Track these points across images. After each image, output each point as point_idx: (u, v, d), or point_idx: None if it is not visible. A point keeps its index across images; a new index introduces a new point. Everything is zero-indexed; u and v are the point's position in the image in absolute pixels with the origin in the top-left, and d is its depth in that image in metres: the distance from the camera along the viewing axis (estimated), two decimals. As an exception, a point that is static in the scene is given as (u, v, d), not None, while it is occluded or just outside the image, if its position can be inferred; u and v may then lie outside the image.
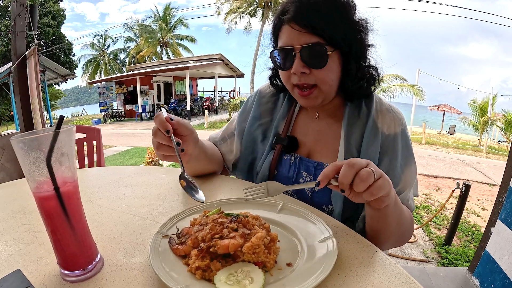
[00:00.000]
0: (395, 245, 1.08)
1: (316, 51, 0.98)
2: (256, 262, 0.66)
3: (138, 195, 1.11)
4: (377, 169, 0.76)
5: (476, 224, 4.59)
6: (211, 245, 0.67)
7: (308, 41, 0.98)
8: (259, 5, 28.52)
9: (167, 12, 39.56)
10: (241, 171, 1.32)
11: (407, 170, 1.08)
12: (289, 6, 1.02)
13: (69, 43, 34.86)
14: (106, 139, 12.37)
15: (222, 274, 0.63)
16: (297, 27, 0.99)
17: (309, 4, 0.98)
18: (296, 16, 0.99)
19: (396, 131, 1.08)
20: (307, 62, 1.00)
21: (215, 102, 26.00)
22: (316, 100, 1.07)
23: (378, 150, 1.06)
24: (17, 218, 0.95)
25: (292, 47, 1.01)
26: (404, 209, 1.00)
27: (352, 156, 1.08)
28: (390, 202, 0.83)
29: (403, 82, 13.25)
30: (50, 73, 13.72)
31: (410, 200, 1.11)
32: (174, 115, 0.98)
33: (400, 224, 0.96)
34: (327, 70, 1.01)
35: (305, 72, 1.01)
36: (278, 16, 1.06)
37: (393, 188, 0.85)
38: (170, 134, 0.91)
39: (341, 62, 1.04)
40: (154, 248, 0.72)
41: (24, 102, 4.85)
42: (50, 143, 0.58)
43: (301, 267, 0.67)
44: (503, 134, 17.86)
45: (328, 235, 0.76)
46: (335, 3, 0.99)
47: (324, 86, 1.04)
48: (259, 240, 0.66)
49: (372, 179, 0.73)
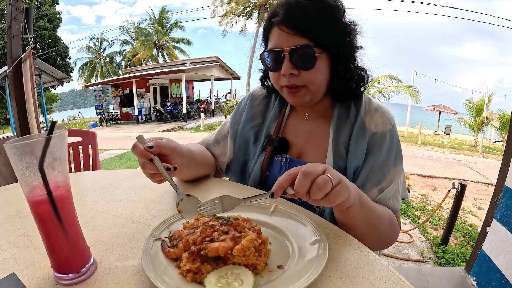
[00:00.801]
0: (377, 247, 1.07)
1: (305, 53, 1.00)
2: (247, 265, 0.66)
3: (132, 198, 1.11)
4: (336, 174, 0.75)
5: (472, 224, 4.61)
6: (202, 248, 0.67)
7: (296, 43, 0.99)
8: (254, 8, 28.58)
9: (163, 15, 39.57)
10: (234, 173, 1.33)
11: (392, 169, 1.08)
12: (278, 9, 1.04)
13: (65, 46, 34.75)
14: (102, 142, 12.35)
15: (212, 276, 0.64)
16: (286, 30, 1.00)
17: (298, 7, 1.00)
18: (285, 19, 1.00)
19: (384, 130, 1.08)
20: (296, 64, 1.02)
21: (211, 104, 26.00)
22: (304, 98, 1.08)
23: (365, 148, 1.07)
24: (12, 222, 0.95)
25: (281, 49, 1.02)
26: (379, 209, 1.00)
27: (341, 156, 1.09)
28: (353, 204, 0.82)
29: (398, 83, 13.28)
30: (46, 77, 13.68)
31: (393, 200, 1.10)
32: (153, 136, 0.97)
33: (372, 225, 0.95)
34: (316, 71, 1.02)
35: (294, 74, 1.03)
36: (268, 18, 1.08)
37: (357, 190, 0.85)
38: (154, 162, 0.91)
39: (330, 63, 1.05)
40: (146, 251, 0.72)
41: (20, 105, 4.83)
42: (42, 148, 0.59)
43: (292, 269, 0.68)
44: (498, 133, 17.92)
45: (318, 237, 0.76)
46: (324, 5, 1.01)
47: (312, 86, 1.05)
48: (249, 242, 0.67)
49: (329, 186, 0.72)
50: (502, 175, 2.47)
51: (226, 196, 0.85)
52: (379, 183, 1.06)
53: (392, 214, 1.08)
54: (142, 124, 22.39)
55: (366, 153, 1.07)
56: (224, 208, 0.84)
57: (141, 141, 0.93)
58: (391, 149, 1.09)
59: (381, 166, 1.07)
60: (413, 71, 19.91)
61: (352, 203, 0.82)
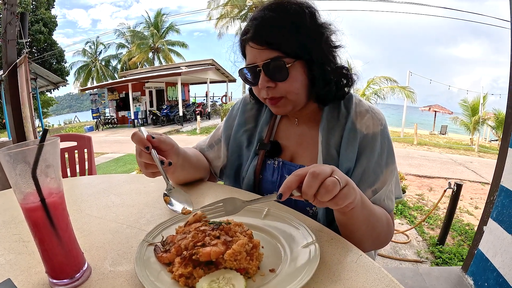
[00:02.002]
0: (373, 247, 1.08)
1: (277, 65, 1.02)
2: (238, 269, 0.67)
3: (126, 203, 1.12)
4: (343, 176, 0.76)
5: (469, 223, 4.63)
6: (194, 252, 0.68)
7: (268, 56, 1.02)
8: (249, 10, 28.58)
9: (159, 18, 39.49)
10: (228, 177, 1.34)
11: (385, 170, 1.09)
12: (248, 25, 1.08)
13: (60, 50, 34.75)
14: (98, 146, 12.32)
15: (204, 281, 0.64)
16: (256, 46, 1.04)
17: (264, 21, 1.03)
18: (254, 36, 1.04)
19: (375, 131, 1.09)
20: (271, 77, 1.04)
21: (207, 107, 25.97)
22: (285, 107, 1.11)
23: (356, 150, 1.07)
24: (7, 228, 0.95)
25: (255, 64, 1.05)
26: (377, 210, 1.01)
27: (333, 158, 1.09)
28: (356, 205, 0.83)
29: (394, 84, 13.33)
30: (42, 81, 13.62)
31: (387, 200, 1.11)
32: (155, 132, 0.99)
33: (372, 225, 0.96)
34: (291, 81, 1.04)
35: (270, 86, 1.05)
36: (241, 36, 1.11)
37: (360, 191, 0.86)
38: (150, 151, 0.93)
39: (306, 70, 1.06)
40: (139, 256, 0.72)
41: (15, 110, 4.83)
42: (35, 155, 0.59)
43: (284, 273, 0.68)
44: (494, 132, 18.02)
45: (311, 240, 0.76)
46: (288, 14, 1.02)
47: (290, 95, 1.07)
48: (240, 247, 0.67)
49: (337, 189, 0.72)
50: (498, 174, 2.48)
51: (230, 199, 0.85)
52: (373, 184, 1.07)
53: (387, 214, 1.09)
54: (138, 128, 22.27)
55: (358, 155, 1.07)
56: (227, 213, 0.85)
57: (140, 132, 0.96)
58: (383, 150, 1.09)
59: (374, 167, 1.07)
60: (408, 71, 19.99)
61: (356, 203, 0.82)
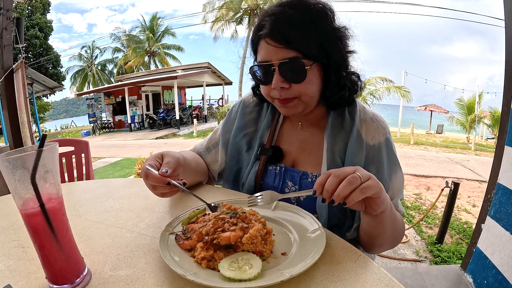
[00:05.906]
0: (388, 248, 1.11)
1: (294, 66, 0.98)
2: (255, 251, 0.75)
3: (125, 207, 1.12)
4: (365, 172, 0.79)
5: (467, 221, 4.65)
6: (215, 237, 0.76)
7: (285, 56, 0.97)
8: (245, 13, 28.67)
9: (154, 22, 39.49)
10: (227, 181, 1.31)
11: (394, 177, 1.09)
12: (264, 20, 1.01)
13: (56, 55, 34.59)
14: (95, 151, 12.28)
15: (225, 262, 0.72)
16: (273, 43, 0.98)
17: (284, 18, 0.98)
18: (272, 32, 0.98)
19: (380, 141, 1.08)
20: (286, 77, 1.00)
21: (204, 110, 25.97)
22: (296, 108, 1.07)
23: (362, 160, 1.06)
24: (6, 234, 0.95)
25: (270, 62, 1.00)
26: (397, 214, 1.03)
27: (337, 165, 1.07)
28: (386, 208, 0.85)
29: (389, 84, 13.36)
30: (38, 86, 13.56)
31: (400, 206, 1.13)
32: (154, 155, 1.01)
33: (394, 229, 0.99)
34: (307, 83, 1.00)
35: (284, 87, 1.01)
36: (255, 31, 1.06)
37: (387, 193, 0.87)
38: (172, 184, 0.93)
39: (321, 73, 1.03)
40: (163, 242, 0.80)
41: (12, 116, 4.81)
42: (34, 161, 0.59)
43: (295, 255, 0.76)
44: (490, 131, 18.06)
45: (317, 227, 0.85)
46: (310, 14, 0.98)
47: (304, 97, 1.03)
48: (256, 232, 0.75)
49: (358, 182, 0.76)
50: (494, 172, 2.48)
51: (269, 191, 0.93)
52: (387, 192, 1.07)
53: (402, 218, 1.10)
54: (135, 132, 22.27)
55: (365, 166, 1.06)
56: (266, 201, 0.92)
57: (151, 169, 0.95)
58: (389, 158, 1.10)
59: (385, 177, 1.07)
60: (404, 71, 20.07)
61: (386, 205, 0.85)
